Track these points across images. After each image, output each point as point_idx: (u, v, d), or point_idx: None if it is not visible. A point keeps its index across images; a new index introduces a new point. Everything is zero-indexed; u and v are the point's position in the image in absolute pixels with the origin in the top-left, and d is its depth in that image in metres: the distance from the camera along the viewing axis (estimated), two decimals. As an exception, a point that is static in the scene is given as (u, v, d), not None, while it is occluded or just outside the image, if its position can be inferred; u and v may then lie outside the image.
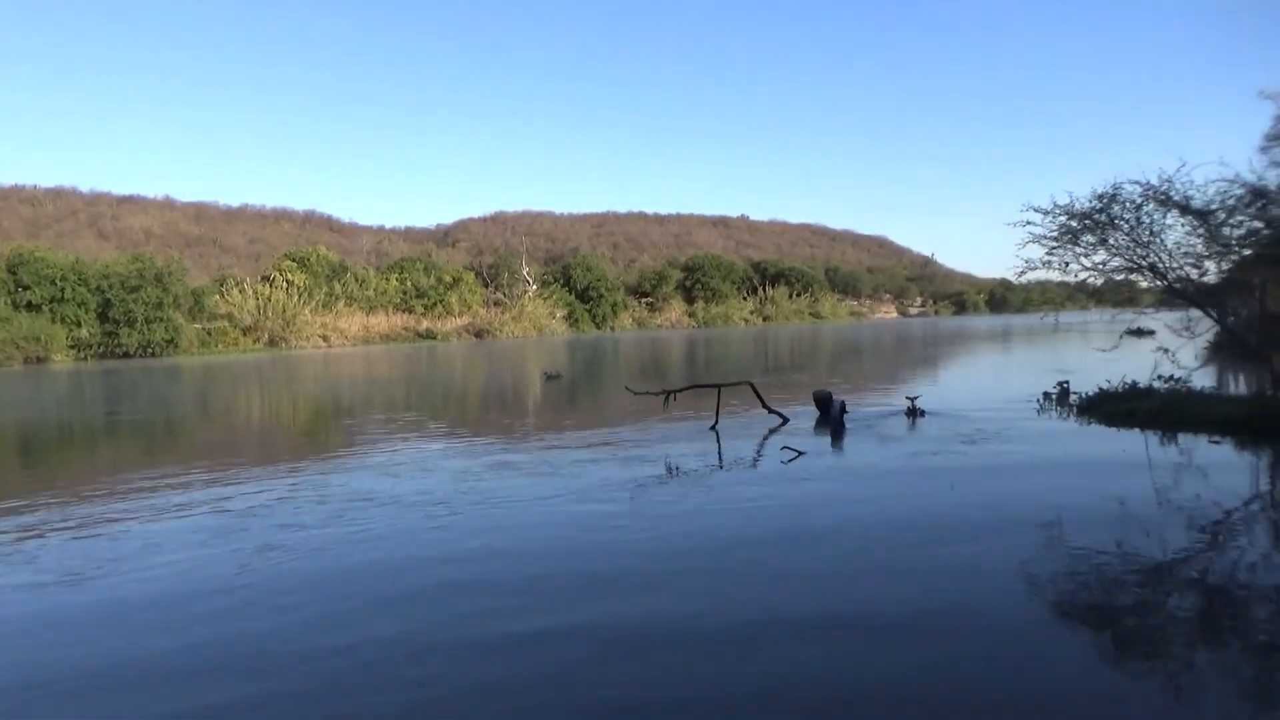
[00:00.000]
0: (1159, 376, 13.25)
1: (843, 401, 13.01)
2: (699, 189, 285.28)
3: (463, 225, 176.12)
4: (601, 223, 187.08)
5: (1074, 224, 13.60)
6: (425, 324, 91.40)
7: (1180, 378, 13.19)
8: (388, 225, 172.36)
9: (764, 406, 13.69)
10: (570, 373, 30.05)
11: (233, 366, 47.86)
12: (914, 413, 13.22)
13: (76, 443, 16.85)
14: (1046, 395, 14.69)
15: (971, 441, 10.75)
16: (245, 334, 77.01)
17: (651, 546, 6.39)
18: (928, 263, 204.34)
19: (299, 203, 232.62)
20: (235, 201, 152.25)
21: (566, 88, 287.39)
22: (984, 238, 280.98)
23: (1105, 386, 13.72)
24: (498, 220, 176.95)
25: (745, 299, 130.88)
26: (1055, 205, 13.77)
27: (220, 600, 5.42)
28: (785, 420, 13.23)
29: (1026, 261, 14.21)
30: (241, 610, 5.22)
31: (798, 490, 8.42)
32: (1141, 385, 13.25)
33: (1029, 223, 13.86)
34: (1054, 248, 13.71)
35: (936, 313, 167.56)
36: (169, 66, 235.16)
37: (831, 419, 12.46)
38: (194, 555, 6.54)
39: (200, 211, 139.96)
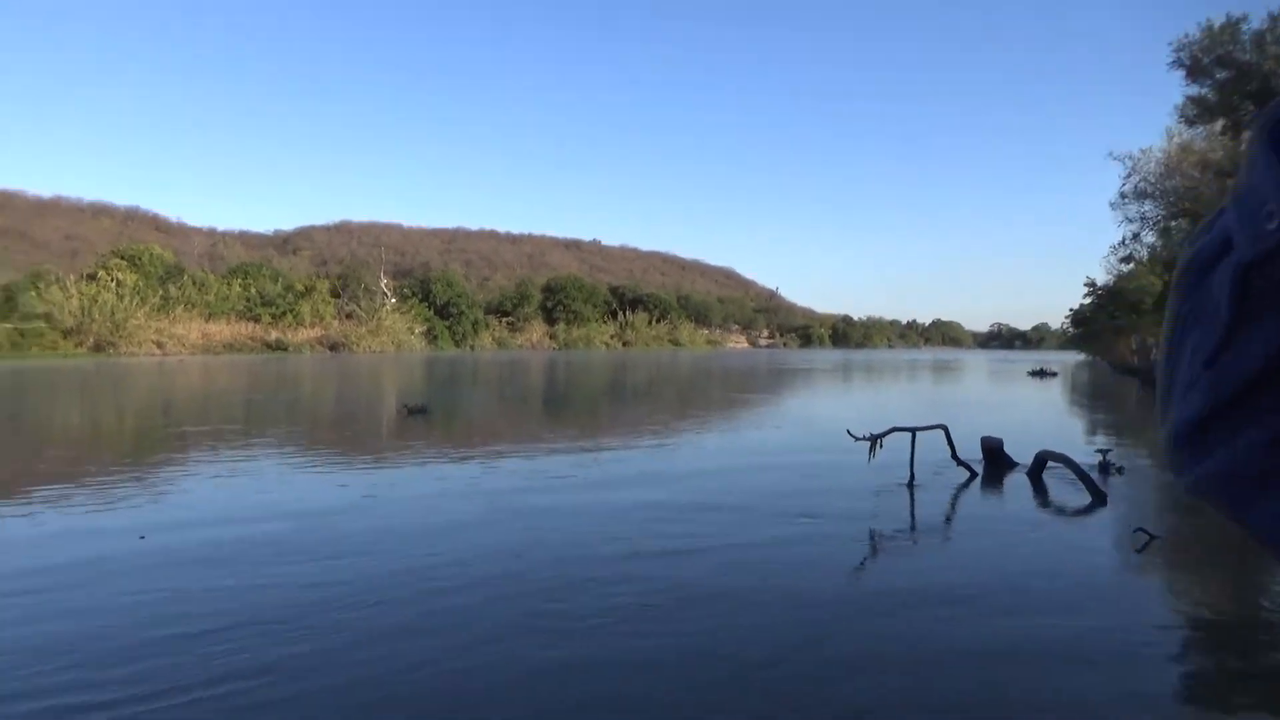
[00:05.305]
0: None
1: (1048, 454, 11.51)
2: (550, 210, 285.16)
3: (305, 233, 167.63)
4: (452, 239, 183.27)
5: None
6: (274, 334, 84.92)
7: None
8: (220, 227, 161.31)
9: (954, 458, 12.37)
10: (436, 403, 24.45)
11: (50, 373, 41.99)
12: (1107, 468, 12.09)
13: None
14: None
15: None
16: (66, 337, 68.55)
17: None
18: (773, 295, 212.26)
19: (120, 197, 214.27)
20: (46, 192, 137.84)
21: (416, 97, 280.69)
22: (824, 274, 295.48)
23: None
24: (342, 229, 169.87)
25: (605, 323, 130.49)
26: None
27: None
28: (974, 474, 11.97)
29: None
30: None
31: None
32: None
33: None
34: None
35: (785, 345, 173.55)
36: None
37: (1082, 475, 10.62)
38: None
39: (5, 200, 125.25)
